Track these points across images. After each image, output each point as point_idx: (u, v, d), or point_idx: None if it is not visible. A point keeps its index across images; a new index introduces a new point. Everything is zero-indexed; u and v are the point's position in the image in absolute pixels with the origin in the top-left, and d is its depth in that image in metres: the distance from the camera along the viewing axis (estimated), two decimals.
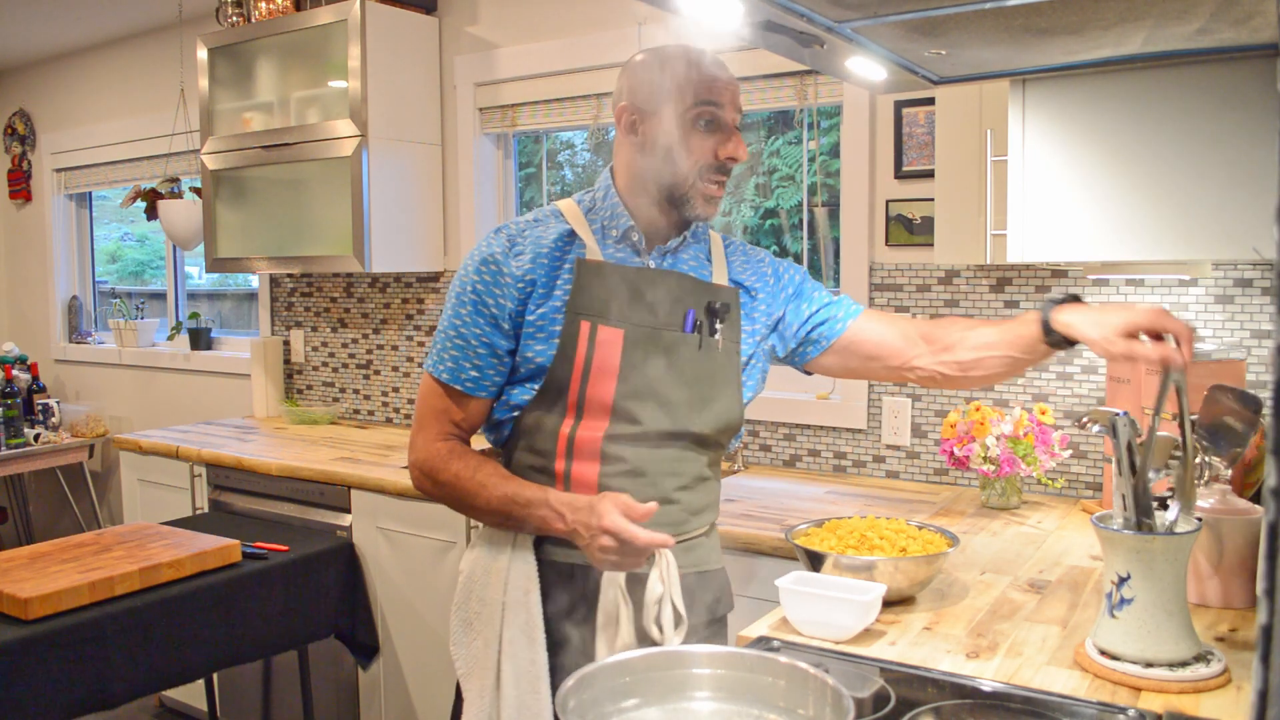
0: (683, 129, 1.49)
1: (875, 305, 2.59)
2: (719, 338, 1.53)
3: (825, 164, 2.81)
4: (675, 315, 1.50)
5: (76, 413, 4.60)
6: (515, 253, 1.49)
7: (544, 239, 1.51)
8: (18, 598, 1.79)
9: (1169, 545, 1.24)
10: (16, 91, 5.07)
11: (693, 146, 1.49)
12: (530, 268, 1.48)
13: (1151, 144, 1.59)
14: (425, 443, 1.52)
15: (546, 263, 1.49)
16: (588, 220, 1.55)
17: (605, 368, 1.45)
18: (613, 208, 1.54)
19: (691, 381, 1.50)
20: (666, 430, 1.48)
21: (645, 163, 1.51)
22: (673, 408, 1.48)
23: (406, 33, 3.27)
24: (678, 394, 1.48)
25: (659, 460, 1.48)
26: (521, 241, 1.51)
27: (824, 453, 2.71)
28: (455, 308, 1.51)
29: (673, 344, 1.49)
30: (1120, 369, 2.03)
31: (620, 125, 1.54)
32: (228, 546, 2.11)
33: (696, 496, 1.54)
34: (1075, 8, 1.19)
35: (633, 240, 1.54)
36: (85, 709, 1.84)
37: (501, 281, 1.48)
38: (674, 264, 1.56)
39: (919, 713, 1.18)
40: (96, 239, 5.01)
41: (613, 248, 1.53)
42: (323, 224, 3.35)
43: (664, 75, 1.50)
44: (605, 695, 1.07)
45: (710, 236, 1.65)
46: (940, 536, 1.65)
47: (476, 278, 1.49)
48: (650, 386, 1.47)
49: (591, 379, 1.45)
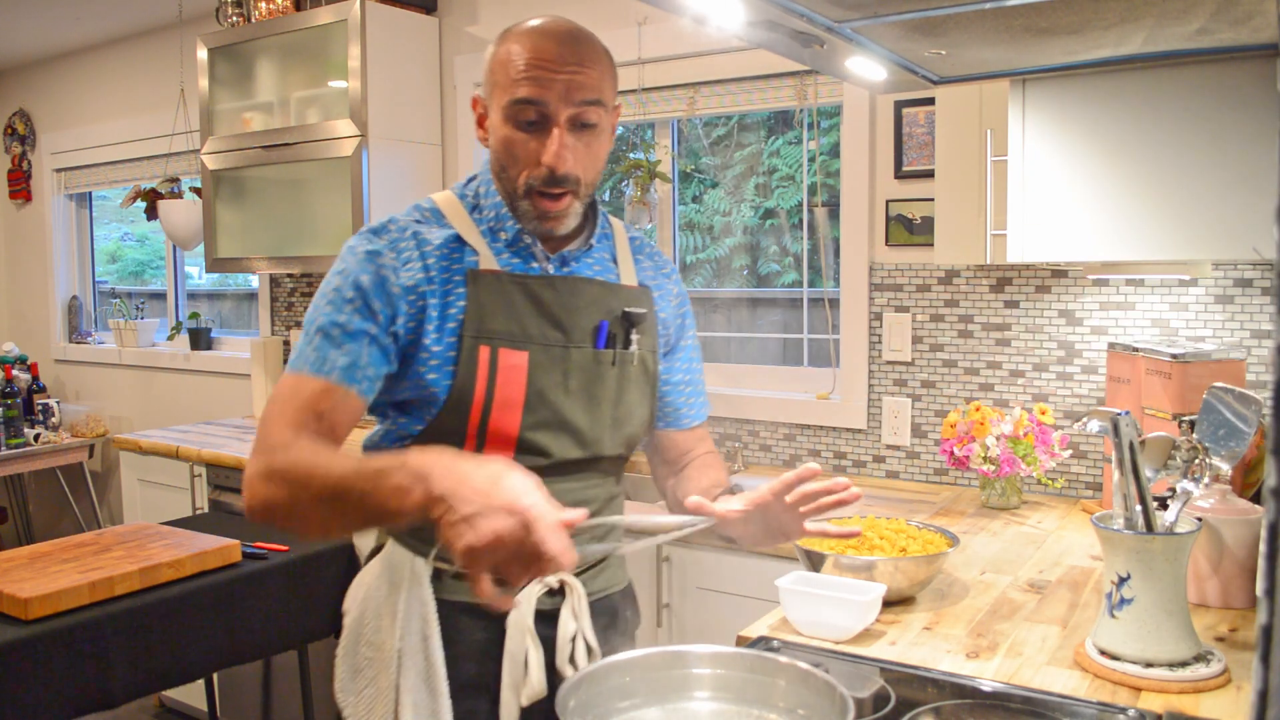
0: (506, 129, 1.26)
1: (875, 305, 2.59)
2: (635, 349, 1.37)
3: (825, 164, 2.81)
4: (586, 330, 1.33)
5: (76, 413, 4.61)
6: (403, 260, 1.26)
7: (430, 244, 1.28)
8: (18, 598, 1.79)
9: (1169, 545, 1.24)
10: (16, 91, 5.07)
11: (516, 152, 1.26)
12: (421, 278, 1.26)
13: (1152, 144, 1.59)
14: (266, 435, 1.16)
15: (437, 274, 1.27)
16: (474, 220, 1.33)
17: (509, 399, 1.26)
18: (496, 208, 1.32)
19: (604, 402, 1.34)
20: (576, 459, 1.32)
21: (497, 173, 1.31)
22: (583, 435, 1.32)
23: (406, 33, 3.27)
24: (590, 419, 1.33)
25: (567, 491, 1.28)
26: (406, 244, 1.27)
27: (824, 453, 2.71)
28: (331, 299, 1.23)
29: (584, 363, 1.32)
30: (1120, 369, 2.03)
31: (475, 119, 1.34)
32: (228, 546, 2.11)
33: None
34: (1075, 8, 1.19)
35: (526, 243, 1.33)
36: (85, 709, 1.84)
37: (389, 288, 1.24)
38: (578, 268, 1.36)
39: (919, 713, 1.18)
40: (96, 239, 5.01)
41: (506, 253, 1.32)
42: (323, 224, 3.35)
43: (494, 59, 1.27)
44: (605, 695, 1.07)
45: (613, 228, 1.45)
46: (940, 536, 1.65)
47: (360, 270, 1.24)
48: (560, 415, 1.30)
49: (494, 411, 1.26)
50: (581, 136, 1.26)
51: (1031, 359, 2.39)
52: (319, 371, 1.20)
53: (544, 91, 1.22)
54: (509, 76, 1.24)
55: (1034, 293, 2.38)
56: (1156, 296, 2.22)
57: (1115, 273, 2.02)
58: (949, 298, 2.49)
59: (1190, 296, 2.18)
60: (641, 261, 1.45)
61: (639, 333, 1.37)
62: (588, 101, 1.24)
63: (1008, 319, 2.42)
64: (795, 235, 2.94)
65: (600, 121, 1.27)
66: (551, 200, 1.27)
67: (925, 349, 2.53)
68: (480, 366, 1.25)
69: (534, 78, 1.22)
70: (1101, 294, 2.29)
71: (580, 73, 1.23)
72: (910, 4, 1.18)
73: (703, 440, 1.53)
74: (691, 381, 1.51)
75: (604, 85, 1.27)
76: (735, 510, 1.22)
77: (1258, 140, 1.51)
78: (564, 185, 1.26)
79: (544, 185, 1.26)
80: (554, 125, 1.23)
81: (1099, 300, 2.29)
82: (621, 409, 1.36)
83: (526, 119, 1.24)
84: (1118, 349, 2.04)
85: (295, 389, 1.20)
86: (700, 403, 1.53)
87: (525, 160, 1.26)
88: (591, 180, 1.31)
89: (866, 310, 2.61)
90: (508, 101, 1.24)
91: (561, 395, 1.30)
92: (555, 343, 1.30)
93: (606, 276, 1.39)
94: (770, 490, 1.20)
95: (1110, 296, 2.28)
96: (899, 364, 2.58)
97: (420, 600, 1.29)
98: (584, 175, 1.28)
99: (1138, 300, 2.24)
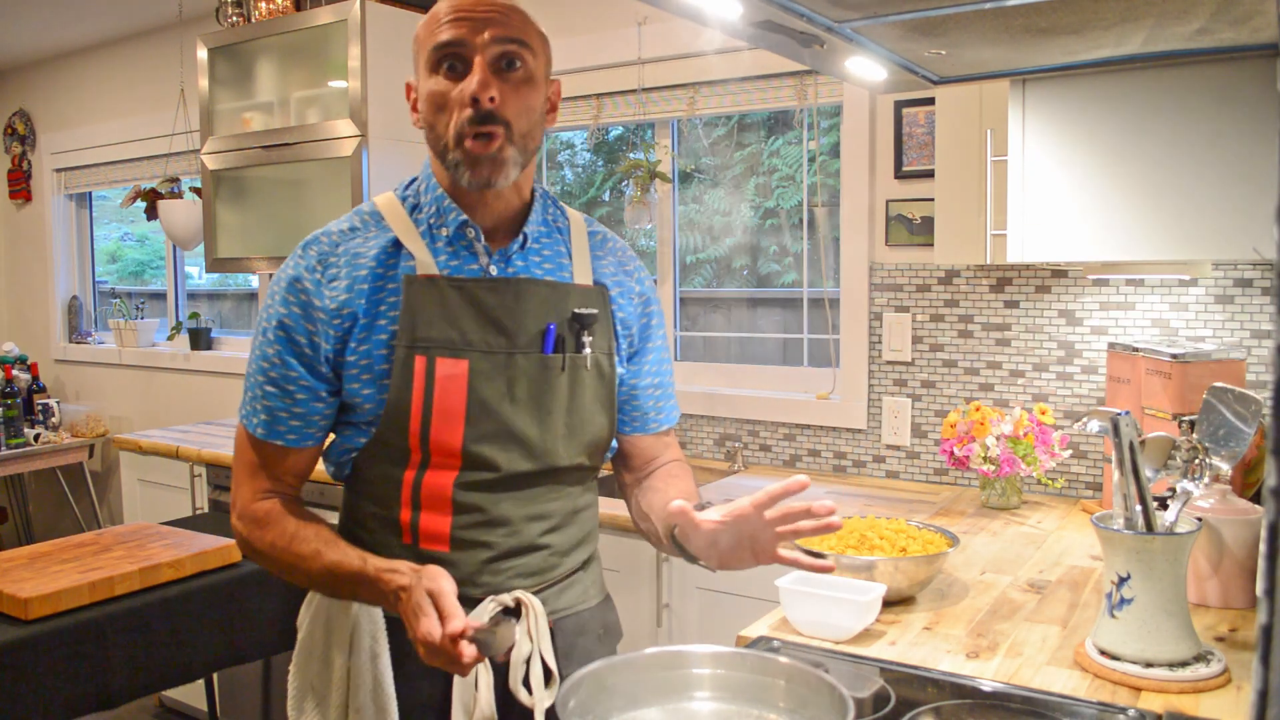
0: (432, 81, 1.22)
1: (875, 305, 2.60)
2: (587, 351, 1.30)
3: (825, 164, 2.81)
4: (532, 334, 1.26)
5: (76, 413, 4.61)
6: (329, 277, 1.23)
7: (363, 255, 1.24)
8: (18, 598, 1.79)
9: (1169, 545, 1.24)
10: (16, 91, 5.07)
11: (441, 101, 1.21)
12: (347, 298, 1.22)
13: (1152, 144, 1.59)
14: (242, 503, 1.28)
15: (367, 288, 1.23)
16: (413, 221, 1.28)
17: (449, 409, 1.21)
18: (438, 201, 1.27)
19: (555, 411, 1.27)
20: (528, 471, 1.26)
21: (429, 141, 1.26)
22: (534, 446, 1.26)
23: (406, 33, 3.25)
24: (540, 429, 1.26)
25: (521, 504, 1.27)
26: (335, 260, 1.24)
27: (824, 453, 2.71)
28: (262, 346, 1.25)
29: (530, 370, 1.26)
30: (1120, 369, 2.03)
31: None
32: (228, 546, 2.11)
33: (567, 536, 1.32)
34: (1075, 8, 1.19)
35: (468, 239, 1.27)
36: (85, 709, 1.84)
37: (313, 315, 1.22)
38: (525, 267, 1.29)
39: (919, 713, 1.18)
40: (96, 239, 5.01)
41: (446, 254, 1.26)
42: (322, 224, 3.33)
43: (418, 30, 1.26)
44: (605, 695, 1.07)
45: (571, 220, 1.38)
46: (940, 536, 1.65)
47: (284, 309, 1.24)
48: (505, 426, 1.24)
49: (435, 422, 1.21)
50: (508, 78, 1.21)
51: (1031, 359, 2.39)
52: (249, 426, 1.29)
53: (463, 32, 1.19)
54: (429, 32, 1.22)
55: (1034, 293, 2.38)
56: (1156, 296, 2.22)
57: (1115, 273, 2.02)
58: (949, 298, 2.49)
59: (1190, 296, 2.18)
60: (602, 258, 1.38)
61: (591, 334, 1.30)
62: (510, 39, 1.20)
63: (1008, 319, 2.42)
64: (795, 235, 2.94)
65: (529, 65, 1.23)
66: (481, 142, 1.19)
67: (925, 349, 2.53)
68: (415, 377, 1.21)
69: (453, 21, 1.20)
70: (1101, 294, 2.29)
71: (499, 13, 1.21)
72: (910, 4, 1.18)
73: (670, 447, 1.46)
74: (661, 384, 1.44)
75: (528, 31, 1.23)
76: (713, 521, 1.14)
77: (1258, 140, 1.51)
78: (491, 123, 1.19)
79: (472, 126, 1.19)
80: (474, 59, 1.19)
81: (1099, 300, 2.29)
82: (575, 417, 1.29)
83: (449, 65, 1.20)
84: (1118, 349, 2.04)
85: (242, 442, 1.31)
86: (669, 406, 1.46)
87: (451, 105, 1.20)
88: (525, 131, 1.23)
89: (866, 310, 2.61)
90: (430, 50, 1.21)
91: (506, 405, 1.24)
92: (498, 349, 1.24)
93: (558, 274, 1.32)
94: (753, 502, 1.12)
95: (1110, 296, 2.28)
96: (899, 364, 2.58)
97: (370, 618, 1.26)
98: (515, 121, 1.21)
99: (1138, 300, 2.24)
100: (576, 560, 1.35)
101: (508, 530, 1.26)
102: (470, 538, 1.24)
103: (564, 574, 1.32)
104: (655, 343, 1.43)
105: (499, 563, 1.26)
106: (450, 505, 1.24)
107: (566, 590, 1.33)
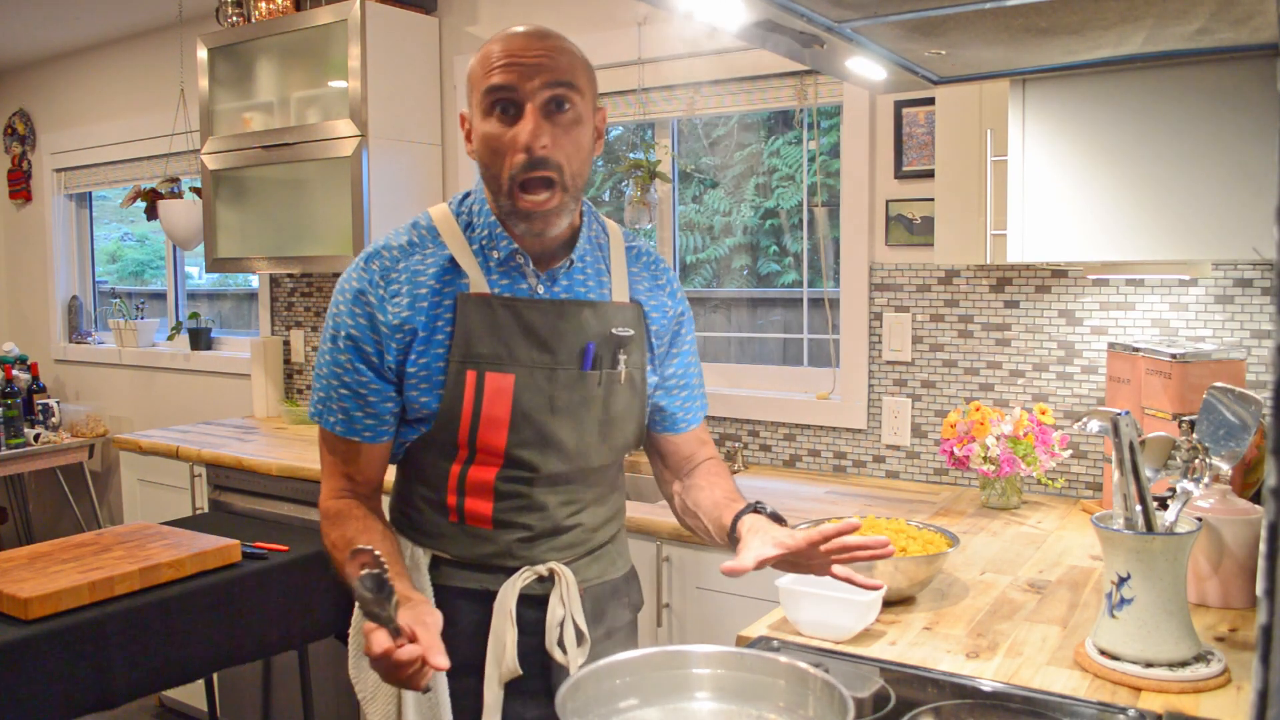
0: (485, 124, 1.28)
1: (875, 305, 2.59)
2: (622, 368, 1.41)
3: (825, 164, 2.81)
4: (572, 351, 1.37)
5: (76, 413, 4.61)
6: (391, 293, 1.33)
7: (422, 274, 1.34)
8: (18, 598, 1.79)
9: (1169, 545, 1.24)
10: (16, 91, 5.07)
11: (495, 145, 1.27)
12: (409, 314, 1.32)
13: (1151, 144, 1.59)
14: (321, 499, 1.42)
15: (426, 305, 1.33)
16: (467, 239, 1.36)
17: (495, 417, 1.33)
18: (490, 227, 1.35)
19: (591, 420, 1.40)
20: (564, 471, 1.39)
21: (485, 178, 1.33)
22: (570, 450, 1.38)
23: (406, 33, 3.27)
24: (576, 436, 1.38)
25: (556, 494, 1.40)
26: (397, 276, 1.33)
27: (824, 453, 2.71)
28: (334, 352, 1.36)
29: (570, 384, 1.37)
30: (1120, 369, 2.03)
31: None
32: (228, 546, 2.11)
33: (596, 515, 1.46)
34: (1075, 8, 1.19)
35: (518, 263, 1.36)
36: (85, 709, 1.84)
37: (378, 327, 1.32)
38: (569, 287, 1.39)
39: (919, 713, 1.18)
40: (96, 239, 5.01)
41: (497, 274, 1.36)
42: (322, 224, 3.35)
43: (471, 68, 1.31)
44: (605, 695, 1.07)
45: (610, 234, 1.47)
46: (940, 536, 1.65)
47: (351, 321, 1.34)
48: (545, 434, 1.36)
49: (482, 428, 1.33)
50: (559, 121, 1.27)
51: (1031, 359, 2.39)
52: (328, 425, 1.38)
53: (514, 77, 1.25)
54: (483, 74, 1.28)
55: (1034, 293, 2.38)
56: (1156, 296, 2.22)
57: (1115, 273, 2.02)
58: (949, 298, 2.49)
59: (1190, 296, 2.18)
60: (637, 274, 1.47)
61: (626, 352, 1.41)
62: (559, 83, 1.26)
63: (1008, 319, 2.42)
64: (795, 235, 2.94)
65: (577, 108, 1.29)
66: (534, 196, 1.27)
67: (925, 349, 2.54)
68: (467, 389, 1.32)
69: (504, 66, 1.26)
70: (1101, 294, 2.29)
71: (548, 57, 1.26)
72: (910, 4, 1.18)
73: (704, 444, 1.57)
74: (688, 385, 1.54)
75: (576, 72, 1.29)
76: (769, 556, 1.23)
77: (1258, 140, 1.51)
78: (544, 169, 1.26)
79: (525, 172, 1.26)
80: (526, 105, 1.25)
81: (1099, 300, 2.29)
82: (608, 426, 1.42)
83: (501, 108, 1.26)
84: (1118, 349, 2.04)
85: (321, 436, 1.41)
86: (696, 406, 1.56)
87: (505, 149, 1.26)
88: (576, 171, 1.30)
89: (866, 310, 2.61)
90: (482, 94, 1.27)
91: (547, 415, 1.36)
92: (541, 365, 1.35)
93: (599, 292, 1.41)
94: (807, 540, 1.23)
95: (1110, 296, 2.28)
96: (899, 364, 2.58)
97: (420, 586, 1.38)
98: (566, 163, 1.28)
99: (1138, 300, 2.24)
100: (605, 535, 1.48)
101: (543, 515, 1.40)
102: (510, 519, 1.38)
103: (593, 547, 1.46)
104: (684, 346, 1.54)
105: (536, 541, 1.40)
106: (493, 493, 1.37)
107: (595, 561, 1.47)
